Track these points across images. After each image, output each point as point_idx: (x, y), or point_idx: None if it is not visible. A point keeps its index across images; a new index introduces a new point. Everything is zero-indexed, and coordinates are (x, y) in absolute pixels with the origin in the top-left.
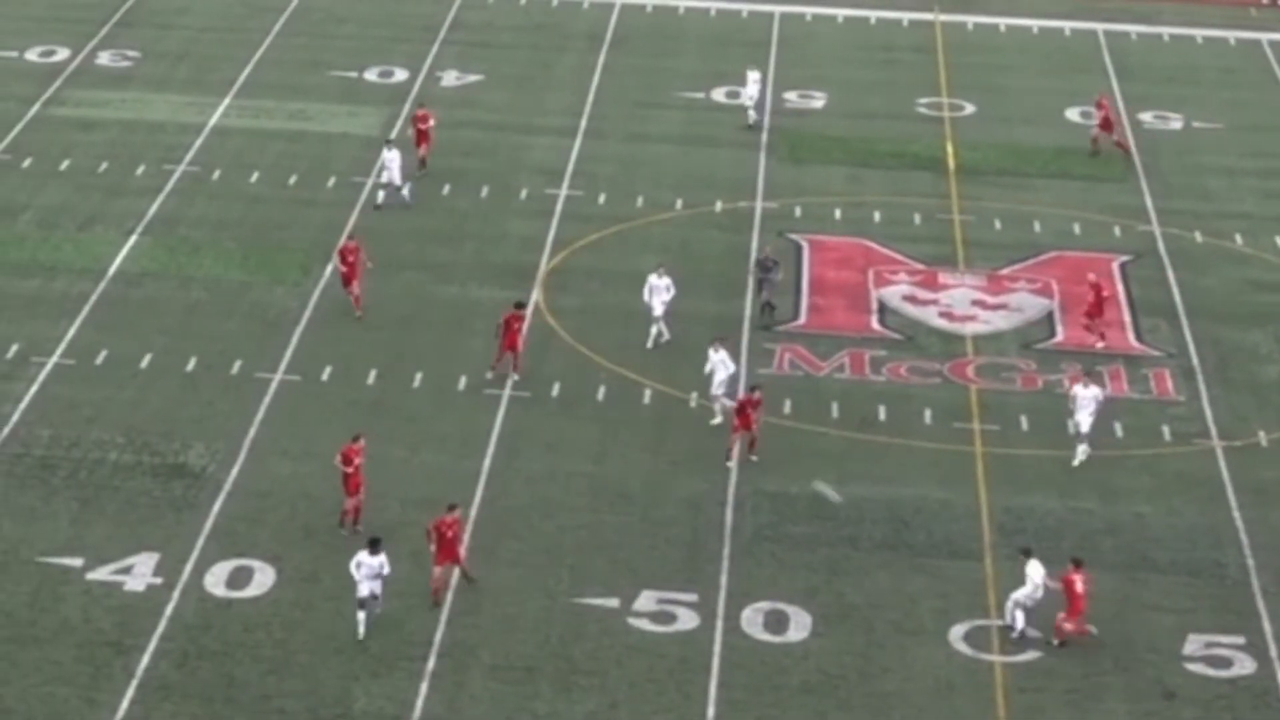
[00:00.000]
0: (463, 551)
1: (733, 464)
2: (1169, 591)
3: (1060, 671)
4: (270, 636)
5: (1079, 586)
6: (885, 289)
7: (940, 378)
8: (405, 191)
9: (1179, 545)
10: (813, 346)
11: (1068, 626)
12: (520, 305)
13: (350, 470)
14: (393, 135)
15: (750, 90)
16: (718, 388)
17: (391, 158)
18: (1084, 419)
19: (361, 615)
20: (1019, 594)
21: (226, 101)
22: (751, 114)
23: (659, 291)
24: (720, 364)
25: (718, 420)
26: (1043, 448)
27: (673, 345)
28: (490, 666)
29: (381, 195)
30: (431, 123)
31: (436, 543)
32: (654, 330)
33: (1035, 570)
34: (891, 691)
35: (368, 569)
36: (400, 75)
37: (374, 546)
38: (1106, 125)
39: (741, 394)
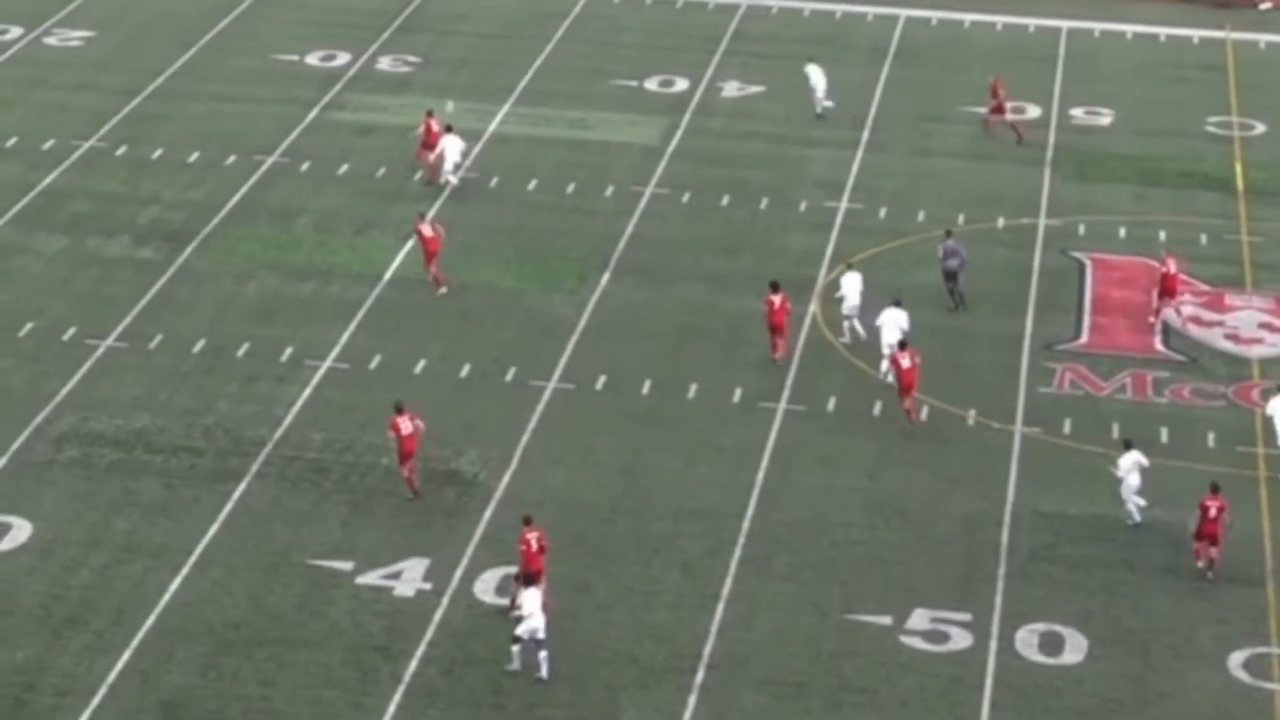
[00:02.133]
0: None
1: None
2: None
3: None
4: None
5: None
6: (1170, 309)
7: (1224, 400)
8: (449, 176)
9: None
10: (1094, 366)
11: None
12: (775, 286)
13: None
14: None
15: (815, 80)
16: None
17: (451, 141)
18: None
19: (543, 655)
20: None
21: (506, 108)
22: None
23: (851, 287)
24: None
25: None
26: None
27: (953, 363)
28: (760, 681)
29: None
30: (436, 128)
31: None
32: (846, 326)
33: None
34: (1167, 718)
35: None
36: (681, 85)
37: (529, 579)
38: (998, 110)
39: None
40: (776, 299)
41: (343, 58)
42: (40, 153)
